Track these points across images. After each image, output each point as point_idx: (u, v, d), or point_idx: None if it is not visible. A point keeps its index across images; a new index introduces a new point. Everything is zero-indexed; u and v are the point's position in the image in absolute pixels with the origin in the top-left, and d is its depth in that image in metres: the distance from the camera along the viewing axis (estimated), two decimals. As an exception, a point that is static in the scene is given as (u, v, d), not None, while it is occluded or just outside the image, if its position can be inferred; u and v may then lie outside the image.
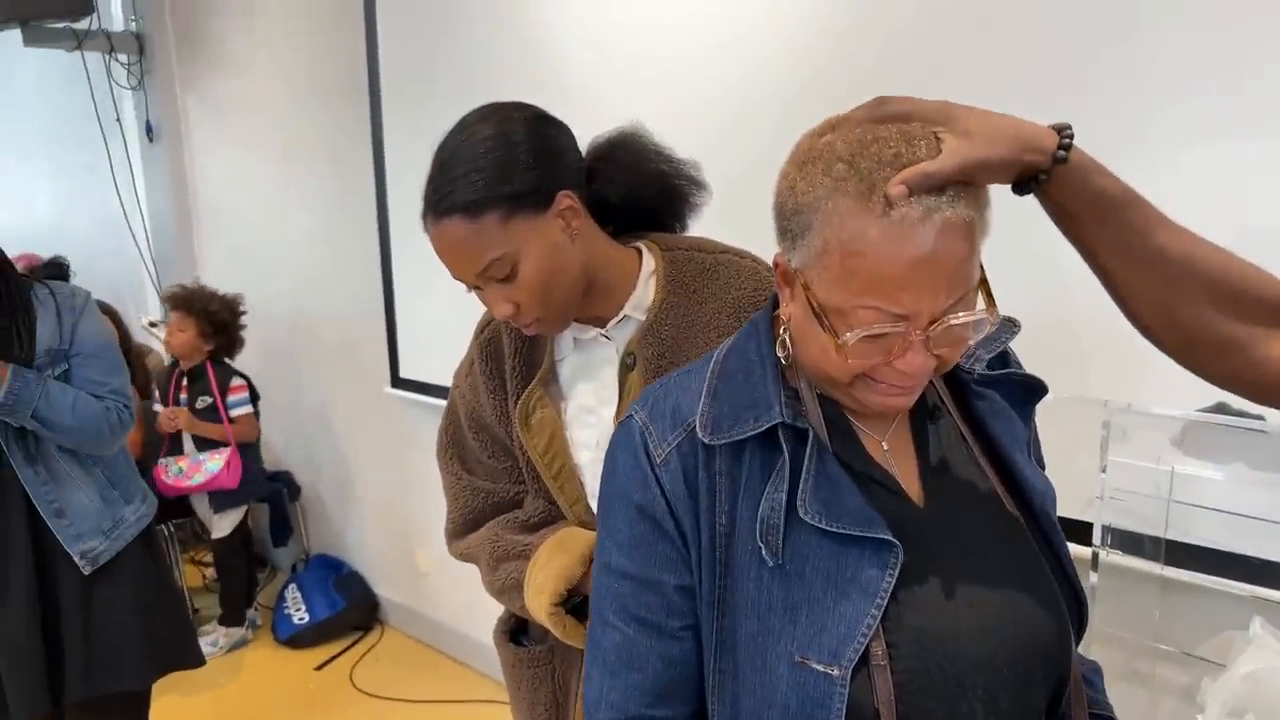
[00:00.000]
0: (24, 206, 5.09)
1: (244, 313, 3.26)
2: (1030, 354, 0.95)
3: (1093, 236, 0.77)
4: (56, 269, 3.05)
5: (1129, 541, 1.44)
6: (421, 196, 1.02)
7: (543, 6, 2.24)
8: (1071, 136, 0.73)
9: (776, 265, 0.79)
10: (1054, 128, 0.73)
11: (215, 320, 3.15)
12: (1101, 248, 0.77)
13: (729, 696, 0.81)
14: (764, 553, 0.76)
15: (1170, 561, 1.42)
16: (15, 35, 3.48)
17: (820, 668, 0.73)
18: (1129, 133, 1.40)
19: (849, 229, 0.68)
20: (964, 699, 0.74)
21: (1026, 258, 1.50)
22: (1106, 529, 1.44)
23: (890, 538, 0.74)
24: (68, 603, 1.84)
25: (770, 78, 1.84)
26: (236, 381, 3.23)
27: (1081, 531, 1.44)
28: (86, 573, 1.84)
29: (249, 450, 3.27)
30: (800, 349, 0.79)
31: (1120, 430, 1.38)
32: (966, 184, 0.69)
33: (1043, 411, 0.93)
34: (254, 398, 3.30)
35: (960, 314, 0.70)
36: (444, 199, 0.98)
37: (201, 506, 3.28)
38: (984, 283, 0.73)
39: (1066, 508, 0.96)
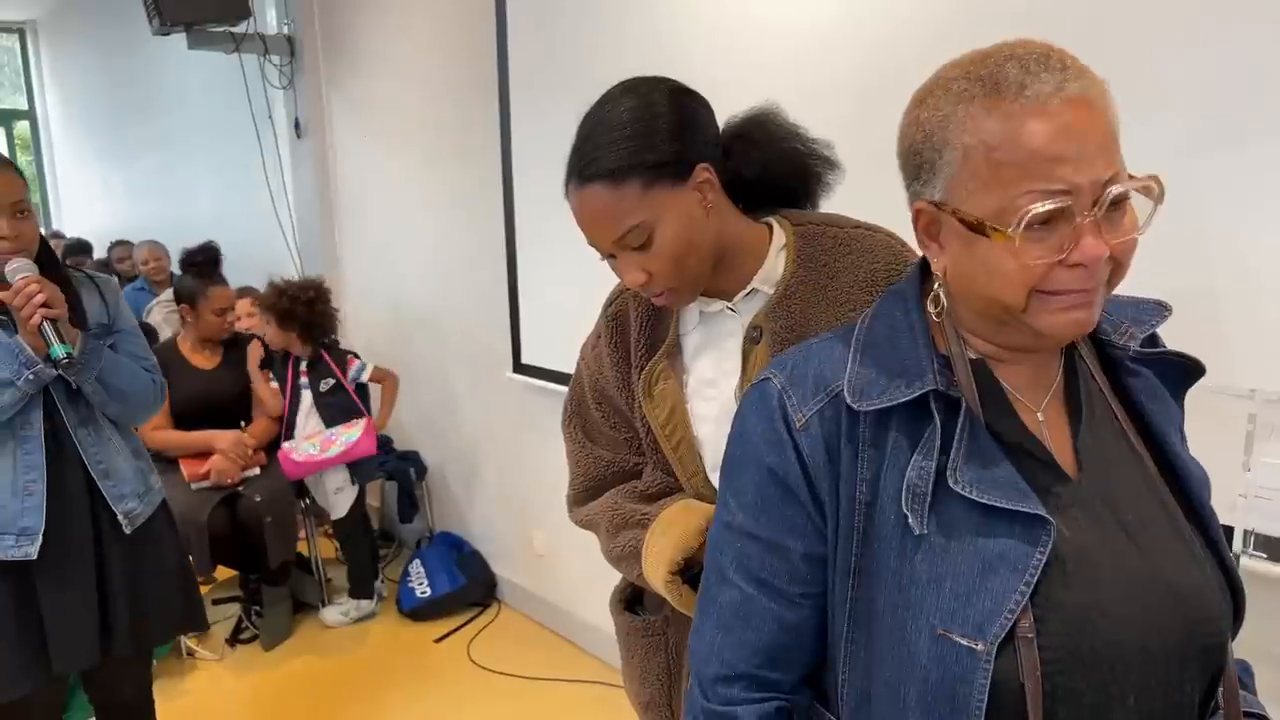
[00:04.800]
0: (188, 199, 5.50)
1: (312, 297, 3.30)
2: (1169, 337, 0.90)
3: None
4: (207, 253, 3.28)
5: (1275, 547, 1.35)
6: (565, 165, 1.05)
7: (671, 1, 2.28)
8: None
9: (919, 215, 0.78)
10: None
11: (288, 316, 3.27)
12: None
13: (861, 666, 0.80)
14: (910, 520, 0.75)
15: (1323, 571, 1.34)
16: (181, 39, 3.77)
17: (963, 641, 0.71)
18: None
19: (987, 125, 0.69)
20: (1115, 682, 0.72)
21: (1166, 233, 1.43)
22: (1249, 533, 1.36)
23: (1043, 513, 0.72)
24: (112, 562, 1.93)
25: (897, 56, 1.82)
26: (348, 357, 3.42)
27: (1222, 534, 1.37)
28: (127, 532, 1.93)
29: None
30: (965, 291, 0.77)
31: (1268, 425, 1.30)
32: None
33: (1182, 401, 0.89)
34: None
35: (1122, 184, 0.69)
36: (588, 166, 1.02)
37: (319, 492, 3.38)
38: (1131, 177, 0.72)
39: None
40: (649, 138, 1.00)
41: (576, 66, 2.60)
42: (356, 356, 3.45)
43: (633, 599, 1.33)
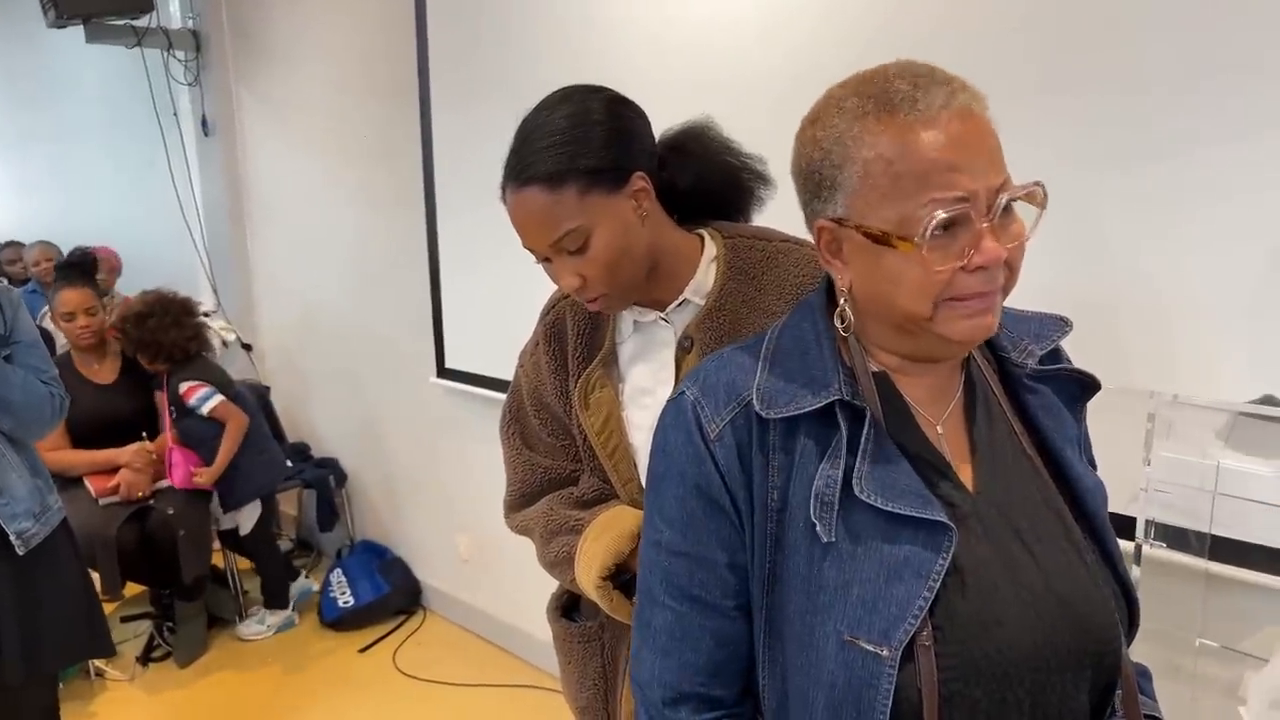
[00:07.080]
0: (85, 198, 5.24)
1: (141, 312, 3.02)
2: (1072, 343, 0.94)
3: None
4: (75, 258, 3.10)
5: (1173, 536, 1.44)
6: (489, 163, 1.06)
7: (591, 4, 2.28)
8: None
9: (820, 234, 0.80)
10: None
11: (122, 333, 3.04)
12: None
13: (779, 673, 0.81)
14: (818, 529, 0.76)
15: (1215, 556, 1.42)
16: (78, 32, 3.60)
17: (870, 647, 0.73)
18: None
19: (883, 141, 0.72)
20: (1010, 689, 0.74)
21: (1069, 243, 1.51)
22: (1150, 523, 1.44)
23: (945, 520, 0.74)
24: (2, 585, 1.86)
25: (822, 70, 1.85)
26: (185, 386, 3.05)
27: (1124, 525, 1.44)
28: (20, 553, 1.86)
29: (256, 440, 3.19)
30: (873, 303, 0.79)
31: (1165, 422, 1.39)
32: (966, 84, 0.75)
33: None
34: (227, 390, 3.15)
35: (1012, 190, 0.73)
36: (526, 169, 1.02)
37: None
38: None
39: (1109, 501, 0.97)
40: (586, 144, 1.01)
41: (500, 62, 2.57)
42: (203, 384, 3.07)
43: (569, 605, 1.34)
